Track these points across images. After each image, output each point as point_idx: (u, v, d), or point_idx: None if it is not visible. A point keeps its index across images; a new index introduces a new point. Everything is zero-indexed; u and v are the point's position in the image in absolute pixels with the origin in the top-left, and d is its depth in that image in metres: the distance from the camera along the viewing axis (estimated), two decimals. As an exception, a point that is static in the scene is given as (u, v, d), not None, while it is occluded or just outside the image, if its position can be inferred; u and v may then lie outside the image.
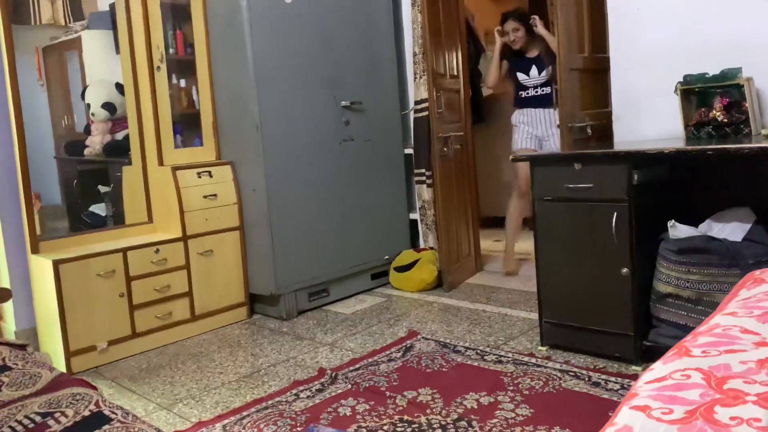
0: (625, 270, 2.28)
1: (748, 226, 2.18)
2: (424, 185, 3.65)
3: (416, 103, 3.65)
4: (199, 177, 3.17)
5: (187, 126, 3.37)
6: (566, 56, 2.90)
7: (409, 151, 3.85)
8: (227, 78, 3.26)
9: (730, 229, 2.19)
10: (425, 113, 3.55)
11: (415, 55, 3.63)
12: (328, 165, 3.43)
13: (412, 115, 3.76)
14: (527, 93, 3.72)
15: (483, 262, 3.99)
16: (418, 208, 3.80)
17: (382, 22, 3.77)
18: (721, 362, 0.90)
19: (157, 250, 2.98)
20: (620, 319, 2.35)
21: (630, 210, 2.26)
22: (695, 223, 2.31)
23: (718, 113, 2.47)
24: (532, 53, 3.71)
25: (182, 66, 3.34)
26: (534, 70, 3.68)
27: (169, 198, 3.12)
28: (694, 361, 0.92)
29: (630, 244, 2.27)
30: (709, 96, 2.55)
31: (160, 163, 3.17)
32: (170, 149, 3.20)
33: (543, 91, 3.69)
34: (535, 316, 2.85)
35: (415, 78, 3.65)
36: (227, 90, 3.28)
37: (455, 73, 3.71)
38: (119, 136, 3.41)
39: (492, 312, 3.13)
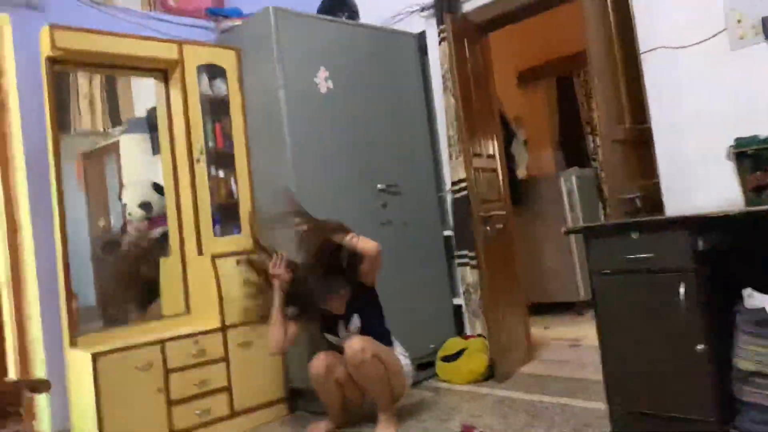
0: (700, 347, 2.08)
1: (833, 292, 2.00)
2: (468, 267, 3.52)
3: (453, 183, 3.61)
4: (238, 264, 3.11)
5: (225, 216, 3.36)
6: (607, 127, 2.86)
7: (448, 233, 3.77)
8: (265, 167, 3.29)
9: (814, 296, 2.01)
10: (464, 193, 3.49)
11: (450, 137, 3.63)
12: (368, 249, 3.35)
13: (449, 197, 3.71)
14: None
15: (534, 349, 3.74)
16: (461, 293, 3.64)
17: (414, 106, 3.83)
18: None
19: (197, 342, 2.88)
20: (700, 404, 2.12)
21: (698, 279, 2.10)
22: (770, 292, 2.13)
23: (777, 176, 2.35)
24: (337, 309, 2.81)
25: (221, 158, 3.39)
26: (342, 329, 2.84)
27: (209, 287, 3.05)
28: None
29: (702, 317, 2.09)
30: (762, 158, 2.46)
31: (200, 252, 3.13)
32: (210, 237, 3.17)
33: None
34: (596, 405, 2.63)
35: (451, 159, 3.63)
36: (265, 179, 3.29)
37: (491, 152, 3.68)
38: (156, 233, 3.42)
39: (549, 403, 2.87)
